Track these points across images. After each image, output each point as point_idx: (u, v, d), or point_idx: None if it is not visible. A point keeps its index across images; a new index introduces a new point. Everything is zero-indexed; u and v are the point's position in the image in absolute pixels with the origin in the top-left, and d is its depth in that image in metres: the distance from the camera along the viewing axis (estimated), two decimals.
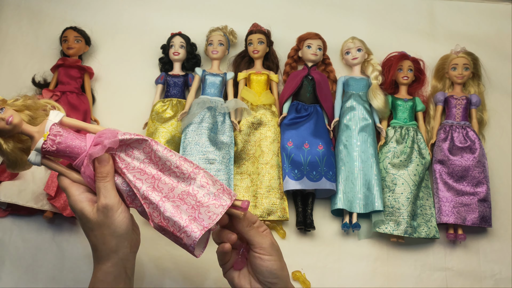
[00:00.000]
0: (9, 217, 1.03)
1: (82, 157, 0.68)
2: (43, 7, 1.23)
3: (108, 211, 0.67)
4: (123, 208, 0.69)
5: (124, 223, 0.68)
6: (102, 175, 0.68)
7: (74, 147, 0.68)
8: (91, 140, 0.69)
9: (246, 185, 1.06)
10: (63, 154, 0.69)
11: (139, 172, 0.69)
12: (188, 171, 0.70)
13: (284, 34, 1.21)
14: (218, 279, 1.00)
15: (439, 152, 1.10)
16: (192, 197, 0.69)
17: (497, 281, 1.05)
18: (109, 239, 0.68)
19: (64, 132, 0.69)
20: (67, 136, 0.69)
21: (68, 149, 0.68)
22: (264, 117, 1.10)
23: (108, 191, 0.68)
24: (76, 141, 0.69)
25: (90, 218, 0.68)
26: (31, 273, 0.99)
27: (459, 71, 1.16)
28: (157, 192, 0.69)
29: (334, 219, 1.08)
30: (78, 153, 0.68)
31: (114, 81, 1.18)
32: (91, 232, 0.69)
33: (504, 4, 1.31)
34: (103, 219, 0.67)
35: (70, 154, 0.68)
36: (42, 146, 0.68)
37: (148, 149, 0.71)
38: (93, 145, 0.68)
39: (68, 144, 0.68)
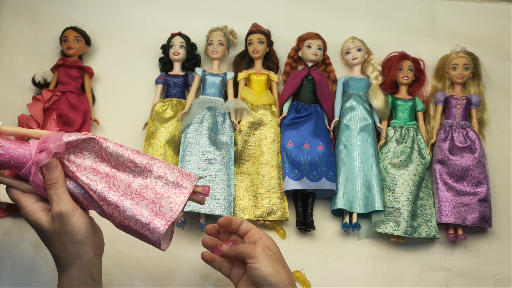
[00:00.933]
0: (9, 217, 1.03)
1: (28, 165, 0.65)
2: (43, 7, 1.23)
3: (63, 218, 0.64)
4: (79, 213, 0.66)
5: (82, 228, 0.65)
6: (52, 181, 0.65)
7: (18, 156, 0.65)
8: (35, 147, 0.66)
9: (246, 185, 1.06)
10: (8, 165, 0.65)
11: (92, 173, 0.67)
12: (143, 164, 0.68)
13: (284, 34, 1.21)
14: (218, 280, 1.00)
15: (439, 152, 1.10)
16: (151, 190, 0.67)
17: (497, 281, 1.05)
18: (70, 246, 0.65)
19: (5, 142, 0.65)
20: (8, 146, 0.65)
21: (12, 160, 0.65)
22: (264, 117, 1.10)
23: (60, 198, 0.65)
24: (19, 150, 0.65)
25: (46, 228, 0.65)
26: (31, 273, 0.99)
27: (459, 71, 1.16)
28: (114, 191, 0.66)
29: (334, 219, 1.08)
30: (24, 162, 0.65)
31: (114, 81, 1.18)
32: (50, 241, 0.66)
33: (504, 4, 1.31)
34: (60, 227, 0.64)
35: (15, 164, 0.65)
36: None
37: (97, 147, 0.68)
38: (38, 152, 0.65)
39: (11, 154, 0.64)
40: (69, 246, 0.65)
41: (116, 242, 1.00)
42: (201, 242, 0.78)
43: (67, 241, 0.65)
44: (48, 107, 1.08)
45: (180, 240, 1.03)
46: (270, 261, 0.68)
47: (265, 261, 0.67)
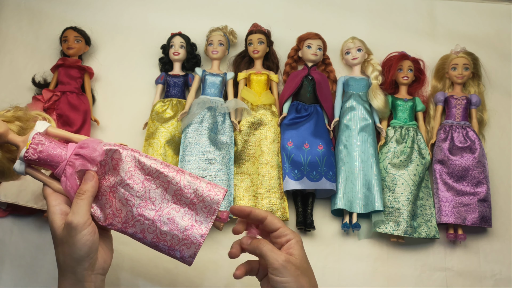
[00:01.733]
0: (9, 217, 1.03)
1: (62, 165, 0.68)
2: (43, 7, 1.23)
3: (72, 230, 0.64)
4: (89, 230, 0.65)
5: (86, 246, 0.64)
6: (81, 191, 0.66)
7: (55, 155, 0.68)
8: (72, 149, 0.69)
9: (246, 185, 1.06)
10: (44, 163, 0.69)
11: (128, 185, 0.68)
12: (175, 169, 0.70)
13: (284, 34, 1.21)
14: (217, 280, 1.00)
15: (439, 152, 1.10)
16: (186, 192, 0.68)
17: (497, 281, 1.05)
18: (69, 258, 0.65)
19: (46, 141, 0.69)
20: (48, 144, 0.69)
21: (49, 158, 0.68)
22: (264, 117, 1.10)
23: (79, 209, 0.65)
24: (57, 150, 0.69)
25: (56, 233, 0.66)
26: (31, 273, 0.99)
27: (459, 71, 1.16)
28: (151, 205, 0.68)
29: (334, 219, 1.08)
30: (59, 162, 0.68)
31: (114, 81, 1.18)
32: (56, 246, 0.67)
33: (504, 4, 1.31)
34: (66, 237, 0.64)
35: (51, 162, 0.68)
36: (24, 154, 0.68)
37: (130, 157, 0.69)
38: (73, 155, 0.68)
39: (49, 152, 0.68)
40: (68, 258, 0.65)
41: (117, 242, 0.99)
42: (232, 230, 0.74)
43: (67, 252, 0.65)
44: (48, 107, 1.08)
45: None
46: (293, 276, 0.65)
47: (288, 275, 0.65)
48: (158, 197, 0.68)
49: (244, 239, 0.70)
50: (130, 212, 0.68)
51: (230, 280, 1.00)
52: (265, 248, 0.67)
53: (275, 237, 0.69)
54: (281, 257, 0.66)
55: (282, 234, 0.69)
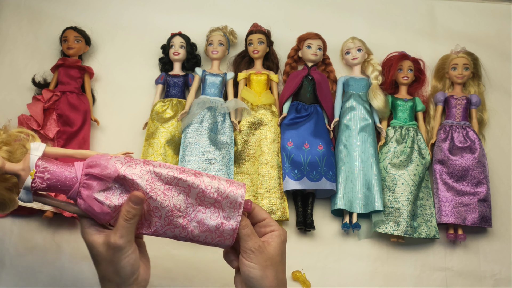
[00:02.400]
0: (9, 217, 1.03)
1: (75, 189, 0.66)
2: (43, 7, 1.23)
3: (117, 251, 0.64)
4: (133, 249, 0.66)
5: (129, 265, 0.65)
6: (129, 215, 0.65)
7: (65, 179, 0.66)
8: (80, 169, 0.67)
9: (246, 185, 1.06)
10: (55, 189, 0.66)
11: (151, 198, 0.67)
12: (192, 172, 0.69)
13: (284, 34, 1.21)
14: (217, 279, 1.00)
15: (439, 152, 1.10)
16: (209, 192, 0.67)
17: (497, 281, 1.05)
18: (113, 276, 0.66)
19: (51, 166, 0.66)
20: (55, 170, 0.66)
21: (59, 183, 0.66)
22: (264, 117, 1.10)
23: (127, 232, 0.65)
24: (65, 173, 0.66)
25: (99, 252, 0.66)
26: (31, 273, 0.99)
27: (459, 71, 1.16)
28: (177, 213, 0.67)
29: (334, 219, 1.08)
30: (70, 185, 0.66)
31: (114, 81, 1.18)
32: (99, 264, 0.67)
33: (504, 4, 1.31)
34: (111, 256, 0.65)
35: (62, 187, 0.66)
36: (31, 185, 0.65)
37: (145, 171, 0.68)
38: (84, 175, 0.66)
39: (58, 178, 0.66)
40: (113, 276, 0.66)
41: None
42: None
43: (112, 270, 0.65)
44: (48, 107, 1.08)
45: None
46: (262, 263, 0.65)
47: (256, 261, 0.65)
48: (183, 203, 0.67)
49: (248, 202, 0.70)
50: (159, 223, 0.67)
51: (230, 280, 0.99)
52: (247, 229, 0.67)
53: (260, 227, 0.70)
54: (258, 242, 0.66)
55: (268, 224, 0.70)
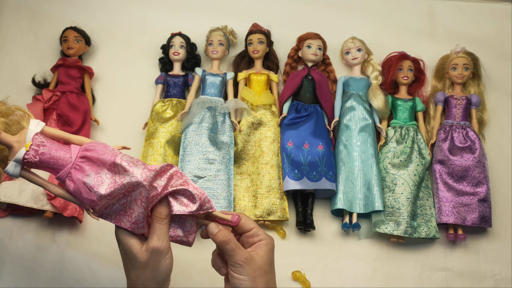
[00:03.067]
0: (9, 217, 1.03)
1: (66, 169, 0.64)
2: (43, 7, 1.23)
3: (157, 255, 0.64)
4: (170, 253, 0.66)
5: (168, 269, 0.65)
6: (162, 216, 0.65)
7: (59, 158, 0.64)
8: (76, 152, 0.65)
9: (246, 185, 1.06)
10: (46, 166, 0.64)
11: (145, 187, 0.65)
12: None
13: (284, 34, 1.21)
14: (217, 279, 0.99)
15: (439, 152, 1.10)
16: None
17: (497, 281, 1.05)
18: (150, 282, 0.65)
19: (48, 142, 0.65)
20: (51, 146, 0.64)
21: (52, 160, 0.64)
22: (264, 117, 1.10)
23: (163, 234, 0.64)
24: (61, 152, 0.64)
25: (137, 256, 0.64)
26: (31, 273, 0.99)
27: (459, 71, 1.16)
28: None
29: (334, 219, 1.08)
30: (63, 165, 0.64)
31: (114, 81, 1.18)
32: (134, 270, 0.65)
33: (504, 4, 1.31)
34: (151, 262, 0.64)
35: (54, 165, 0.64)
36: (24, 156, 0.63)
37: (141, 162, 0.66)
38: (79, 157, 0.64)
39: (52, 155, 0.64)
40: (149, 282, 0.65)
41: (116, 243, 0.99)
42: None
43: (149, 276, 0.65)
44: (48, 107, 1.08)
45: None
46: (251, 274, 0.64)
47: (245, 273, 0.64)
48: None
49: (211, 226, 0.67)
50: (142, 214, 0.65)
51: None
52: (230, 244, 0.66)
53: (248, 237, 0.69)
54: (244, 254, 0.65)
55: (255, 234, 0.68)
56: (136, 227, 0.65)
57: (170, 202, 0.65)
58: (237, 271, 0.65)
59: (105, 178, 0.64)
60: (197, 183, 1.02)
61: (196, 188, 0.66)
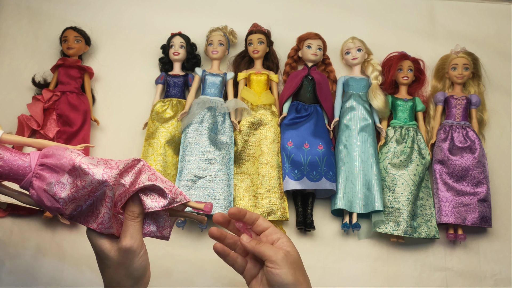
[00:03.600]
0: (9, 217, 1.03)
1: (27, 178, 0.63)
2: (43, 7, 1.23)
3: (130, 254, 0.64)
4: (144, 250, 0.65)
5: (142, 266, 0.65)
6: (134, 214, 0.64)
7: (18, 168, 0.63)
8: (35, 159, 0.64)
9: (246, 185, 1.06)
10: (7, 177, 0.64)
11: (108, 187, 0.64)
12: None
13: (284, 34, 1.21)
14: (217, 279, 1.00)
15: (439, 152, 1.10)
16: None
17: (497, 281, 1.05)
18: (125, 280, 0.64)
19: (5, 153, 0.63)
20: (8, 157, 0.63)
21: (11, 172, 0.63)
22: (264, 117, 1.10)
23: (136, 232, 0.64)
24: (19, 162, 0.63)
25: (108, 256, 0.64)
26: (31, 273, 0.99)
27: (459, 71, 1.16)
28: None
29: (334, 219, 1.08)
30: (23, 174, 0.63)
31: (114, 81, 1.18)
32: (107, 269, 0.65)
33: (504, 4, 1.31)
34: (122, 260, 0.64)
35: (14, 176, 0.63)
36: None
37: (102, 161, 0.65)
38: (38, 165, 0.63)
39: (11, 166, 0.63)
40: (124, 280, 0.65)
41: None
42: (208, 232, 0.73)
43: (123, 274, 0.64)
44: (48, 107, 1.08)
45: (179, 240, 1.03)
46: (291, 268, 0.66)
47: (286, 268, 0.65)
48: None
49: (244, 237, 0.69)
50: (107, 214, 0.64)
51: (231, 280, 1.00)
52: (263, 245, 0.67)
53: (266, 236, 0.70)
54: (280, 252, 0.66)
55: (273, 232, 0.70)
56: (103, 228, 0.65)
57: (142, 200, 0.64)
58: (277, 266, 0.65)
59: (66, 183, 0.62)
60: (197, 183, 1.02)
61: (165, 181, 0.65)
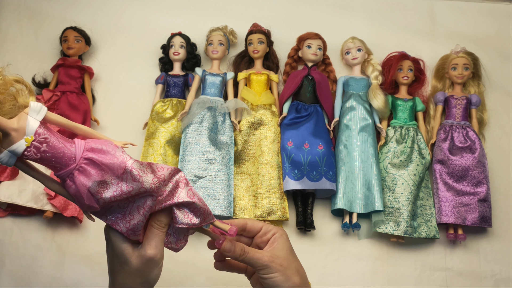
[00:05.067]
0: (9, 217, 1.03)
1: (69, 169, 0.58)
2: (43, 7, 1.23)
3: (151, 263, 0.62)
4: (162, 263, 0.64)
5: (157, 277, 0.64)
6: (162, 224, 0.63)
7: (62, 157, 0.58)
8: (81, 150, 0.59)
9: (246, 185, 1.06)
10: (47, 163, 0.58)
11: (152, 197, 0.62)
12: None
13: (284, 34, 1.21)
14: (217, 279, 1.00)
15: (439, 152, 1.10)
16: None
17: (497, 281, 1.05)
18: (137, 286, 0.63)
19: (52, 137, 0.58)
20: (55, 144, 0.58)
21: (54, 159, 0.58)
22: (264, 117, 1.10)
23: (160, 243, 0.63)
24: (65, 150, 0.58)
25: (130, 262, 0.62)
26: (31, 273, 0.99)
27: (459, 71, 1.16)
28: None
29: (334, 219, 1.08)
30: (66, 165, 0.58)
31: (114, 81, 1.18)
32: (123, 273, 0.63)
33: (504, 4, 1.31)
34: (142, 268, 0.62)
35: (55, 164, 0.58)
36: (24, 153, 0.56)
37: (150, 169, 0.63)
38: (83, 158, 0.59)
39: (55, 154, 0.58)
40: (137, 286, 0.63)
41: None
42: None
43: (139, 281, 0.63)
44: (48, 107, 1.08)
45: None
46: (280, 269, 0.65)
47: (274, 271, 0.65)
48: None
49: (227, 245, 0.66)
50: (141, 223, 0.61)
51: (230, 280, 1.00)
52: (248, 255, 0.66)
53: (260, 237, 0.69)
54: (265, 255, 0.66)
55: (266, 231, 0.69)
56: (132, 234, 0.62)
57: (174, 213, 0.63)
58: (266, 272, 0.65)
59: (110, 184, 0.59)
60: (197, 183, 1.02)
61: (200, 199, 0.64)
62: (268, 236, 0.69)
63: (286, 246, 0.68)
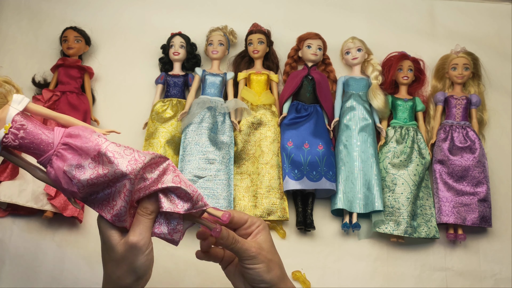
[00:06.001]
0: (9, 217, 1.03)
1: (48, 155, 0.61)
2: (43, 7, 1.23)
3: (136, 250, 0.61)
4: (150, 249, 0.63)
5: (145, 266, 0.63)
6: (147, 211, 0.63)
7: (40, 143, 0.60)
8: (59, 136, 0.61)
9: (246, 185, 1.06)
10: (26, 150, 0.61)
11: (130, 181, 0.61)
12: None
13: (284, 34, 1.21)
14: (217, 279, 1.00)
15: (439, 152, 1.10)
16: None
17: (497, 281, 1.05)
18: (125, 276, 0.62)
19: (29, 124, 0.61)
20: (32, 130, 0.60)
21: (32, 145, 0.60)
22: (264, 117, 1.10)
23: (146, 230, 0.62)
24: (42, 136, 0.61)
25: (115, 249, 0.62)
26: (31, 273, 0.99)
27: (459, 71, 1.16)
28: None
29: (334, 219, 1.08)
30: (44, 150, 0.61)
31: (114, 81, 1.18)
32: (110, 261, 0.63)
33: (504, 4, 1.31)
34: (127, 255, 0.62)
35: (35, 150, 0.61)
36: (2, 140, 0.59)
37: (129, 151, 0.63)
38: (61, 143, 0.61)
39: (33, 140, 0.60)
40: (124, 276, 0.62)
41: None
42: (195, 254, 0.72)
43: (125, 270, 0.62)
44: (48, 107, 1.08)
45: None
46: (265, 261, 0.66)
47: (260, 261, 0.66)
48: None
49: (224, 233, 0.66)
50: (124, 208, 0.61)
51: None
52: (239, 244, 0.67)
53: (245, 229, 0.70)
54: (253, 245, 0.67)
55: (252, 223, 0.70)
56: (117, 220, 0.62)
57: (160, 199, 0.63)
58: (251, 262, 0.66)
59: (87, 168, 0.60)
60: (197, 183, 1.02)
61: (189, 185, 0.63)
62: (252, 228, 0.70)
63: (269, 239, 0.70)
